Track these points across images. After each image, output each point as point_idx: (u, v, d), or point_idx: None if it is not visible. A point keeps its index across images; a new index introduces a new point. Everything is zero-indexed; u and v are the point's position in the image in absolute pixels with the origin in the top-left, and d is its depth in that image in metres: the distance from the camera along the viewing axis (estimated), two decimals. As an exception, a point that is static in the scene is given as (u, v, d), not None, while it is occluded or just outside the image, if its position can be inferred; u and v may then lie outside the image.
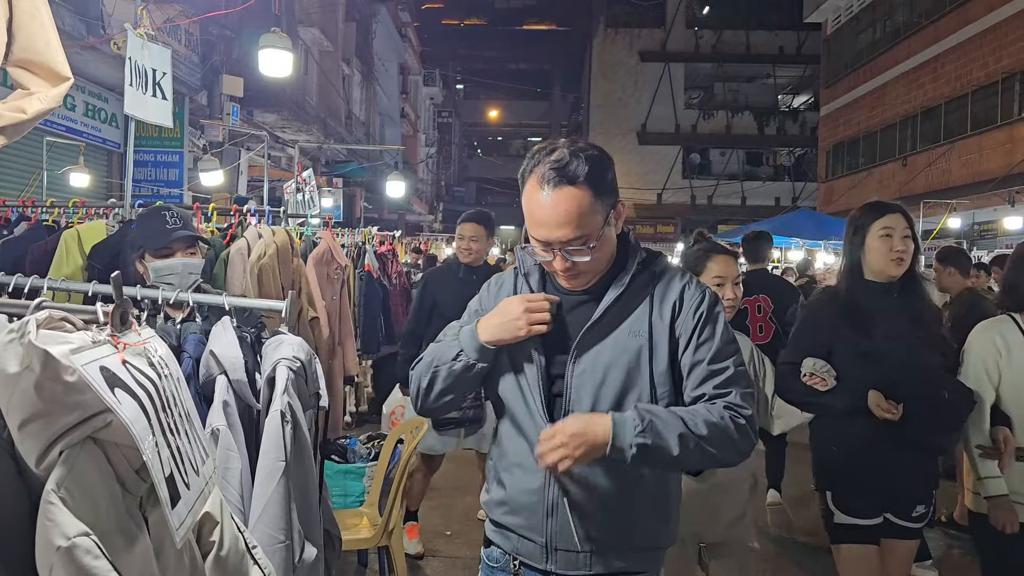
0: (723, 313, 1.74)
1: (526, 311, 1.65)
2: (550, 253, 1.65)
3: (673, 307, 1.69)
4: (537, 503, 1.67)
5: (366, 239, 6.85)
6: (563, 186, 1.60)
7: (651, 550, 1.73)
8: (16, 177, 7.65)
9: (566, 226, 1.60)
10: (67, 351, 0.95)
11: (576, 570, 1.66)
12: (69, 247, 3.39)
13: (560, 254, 1.63)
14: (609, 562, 1.67)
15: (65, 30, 6.62)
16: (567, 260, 1.64)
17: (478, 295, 1.90)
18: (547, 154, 1.64)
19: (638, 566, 1.70)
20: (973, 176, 16.00)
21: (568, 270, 1.66)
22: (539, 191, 1.62)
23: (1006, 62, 15.32)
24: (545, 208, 1.61)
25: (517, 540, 1.73)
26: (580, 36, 35.00)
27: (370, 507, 3.91)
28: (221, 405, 1.69)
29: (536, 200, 1.63)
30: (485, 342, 1.68)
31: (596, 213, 1.63)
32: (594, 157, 1.63)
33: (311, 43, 14.58)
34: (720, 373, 1.65)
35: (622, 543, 1.66)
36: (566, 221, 1.60)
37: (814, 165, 28.39)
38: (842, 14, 23.53)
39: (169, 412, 1.11)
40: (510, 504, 1.73)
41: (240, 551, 1.33)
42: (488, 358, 1.70)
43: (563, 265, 1.65)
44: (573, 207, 1.60)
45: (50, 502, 0.91)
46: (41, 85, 1.73)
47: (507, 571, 1.76)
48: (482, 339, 1.69)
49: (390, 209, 21.16)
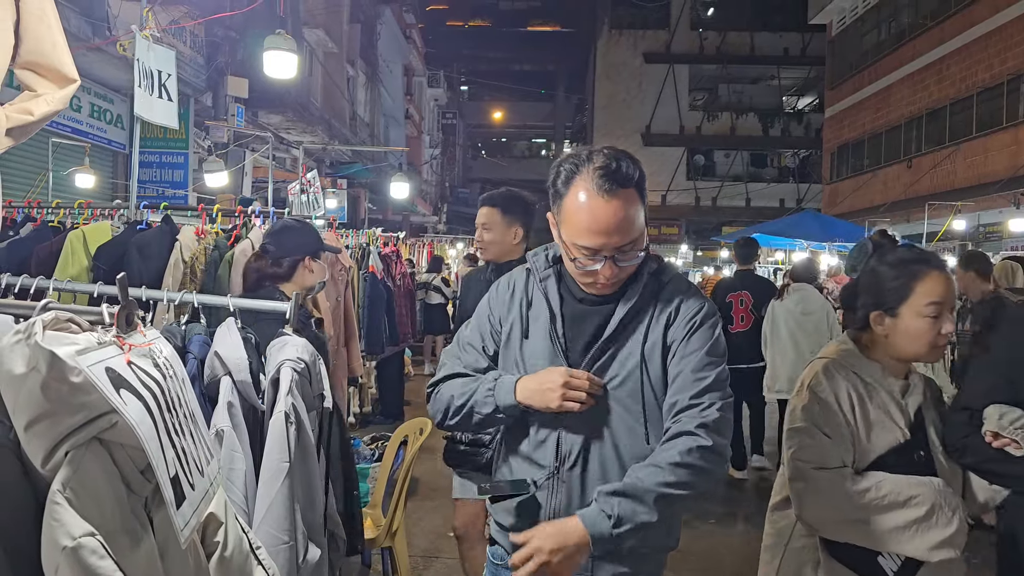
0: (719, 326, 1.72)
1: (565, 385, 1.61)
2: (599, 261, 1.61)
3: (669, 316, 1.69)
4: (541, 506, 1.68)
5: (370, 240, 6.86)
6: (620, 190, 1.58)
7: (653, 554, 1.73)
8: (22, 178, 7.67)
9: (624, 231, 1.59)
10: (73, 352, 0.95)
11: (579, 572, 1.67)
12: (74, 248, 3.40)
13: (610, 261, 1.61)
14: (611, 567, 1.68)
15: (71, 31, 6.65)
16: (616, 266, 1.62)
17: (486, 297, 1.87)
18: (588, 160, 1.61)
19: (640, 570, 1.70)
20: (978, 178, 15.96)
21: (613, 277, 1.64)
22: (594, 198, 1.58)
23: (1011, 64, 15.28)
24: (602, 215, 1.58)
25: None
26: (584, 37, 35.00)
27: (374, 508, 3.91)
28: (226, 406, 1.69)
29: (589, 208, 1.59)
30: (519, 401, 1.67)
31: (642, 216, 1.64)
32: (636, 160, 1.64)
33: (315, 44, 14.60)
34: (699, 382, 1.63)
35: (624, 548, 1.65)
36: (625, 227, 1.59)
37: (818, 167, 28.35)
38: (847, 15, 23.50)
39: (174, 413, 1.12)
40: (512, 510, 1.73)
41: (244, 552, 1.33)
42: (518, 413, 1.69)
43: (611, 272, 1.62)
44: (632, 212, 1.60)
45: (56, 502, 0.92)
46: (48, 87, 1.74)
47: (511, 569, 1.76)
48: (517, 398, 1.67)
49: (394, 210, 21.18)
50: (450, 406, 1.76)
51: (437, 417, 1.80)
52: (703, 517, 5.16)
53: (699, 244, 29.30)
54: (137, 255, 3.29)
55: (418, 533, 4.75)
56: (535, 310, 1.75)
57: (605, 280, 1.65)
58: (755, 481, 6.19)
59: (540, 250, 1.82)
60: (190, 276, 3.28)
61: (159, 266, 3.32)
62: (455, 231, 26.41)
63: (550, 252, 1.79)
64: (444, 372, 1.82)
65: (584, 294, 1.73)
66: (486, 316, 1.82)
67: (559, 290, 1.74)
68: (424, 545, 4.62)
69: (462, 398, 1.74)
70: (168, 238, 3.42)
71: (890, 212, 18.54)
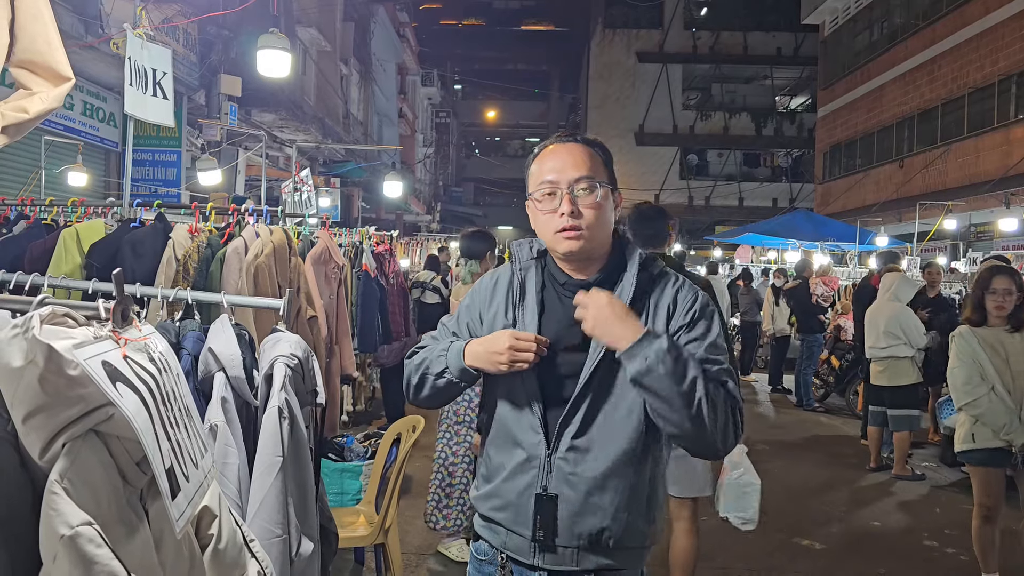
0: (717, 313, 1.77)
1: (510, 348, 1.66)
2: (556, 199, 1.71)
3: (667, 311, 1.72)
4: (526, 499, 1.69)
5: (363, 239, 6.87)
6: (572, 142, 1.78)
7: (637, 549, 1.75)
8: (15, 176, 7.66)
9: (580, 165, 1.72)
10: (70, 346, 0.97)
11: (563, 566, 1.68)
12: (68, 246, 3.40)
13: (568, 195, 1.70)
14: (595, 559, 1.69)
15: (64, 29, 6.59)
16: (574, 203, 1.69)
17: (470, 291, 1.92)
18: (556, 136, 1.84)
19: (623, 563, 1.72)
20: (969, 178, 16.04)
21: (573, 222, 1.69)
22: (552, 147, 1.78)
23: (1003, 64, 15.36)
24: (555, 153, 1.76)
25: (505, 535, 1.74)
26: (578, 37, 35.02)
27: (367, 505, 3.93)
28: (219, 401, 1.70)
29: (547, 154, 1.77)
30: (468, 365, 1.73)
31: (603, 173, 1.76)
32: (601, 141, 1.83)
33: (309, 43, 14.58)
34: (714, 364, 1.67)
35: (609, 541, 1.68)
36: (580, 161, 1.73)
37: (811, 166, 28.44)
38: (839, 16, 23.57)
39: (169, 406, 1.13)
40: (499, 499, 1.74)
41: (238, 544, 1.35)
42: (470, 379, 1.76)
43: (570, 206, 1.69)
44: (585, 154, 1.75)
45: (54, 492, 0.93)
46: (43, 85, 1.75)
47: (495, 564, 1.78)
48: (467, 362, 1.73)
49: (387, 209, 21.16)
50: (411, 373, 1.85)
51: (408, 392, 1.88)
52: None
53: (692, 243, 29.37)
54: (130, 253, 3.29)
55: (411, 531, 4.77)
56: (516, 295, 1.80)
57: (568, 227, 1.69)
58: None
59: (524, 241, 1.87)
60: (183, 274, 3.28)
61: (152, 264, 3.31)
62: (448, 230, 26.40)
63: (534, 245, 1.84)
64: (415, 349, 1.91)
65: (566, 277, 1.76)
66: (466, 307, 1.89)
67: (542, 276, 1.80)
68: (417, 543, 4.64)
69: (419, 359, 1.84)
70: (161, 236, 3.42)
71: (882, 212, 18.62)
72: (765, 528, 5.18)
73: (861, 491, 6.24)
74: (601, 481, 1.66)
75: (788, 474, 6.63)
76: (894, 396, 6.51)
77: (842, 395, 9.58)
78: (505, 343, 1.66)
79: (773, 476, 6.51)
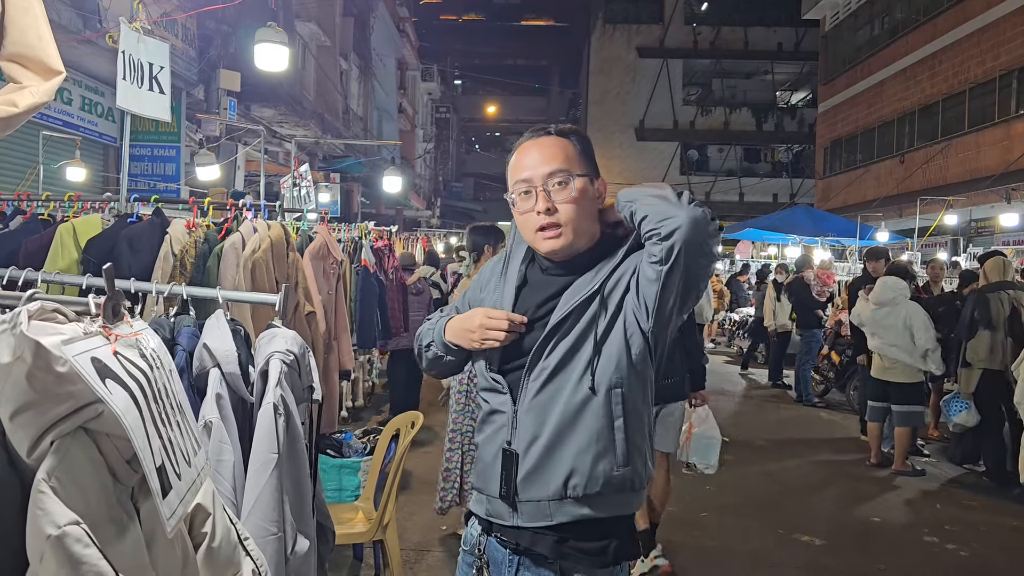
0: None
1: (481, 326, 1.72)
2: (532, 197, 1.71)
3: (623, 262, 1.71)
4: (494, 457, 1.71)
5: (363, 234, 6.86)
6: (544, 136, 1.76)
7: (614, 495, 1.67)
8: (12, 171, 7.64)
9: (552, 159, 1.71)
10: (58, 342, 0.96)
11: (539, 521, 1.65)
12: (64, 241, 3.38)
13: (543, 193, 1.69)
14: (571, 510, 1.64)
15: (61, 24, 6.61)
16: (549, 199, 1.70)
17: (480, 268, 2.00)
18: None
19: (603, 510, 1.66)
20: (970, 173, 16.01)
21: (550, 219, 1.69)
22: (525, 144, 1.77)
23: (1004, 59, 15.32)
24: (530, 151, 1.75)
25: (487, 501, 1.74)
26: (578, 32, 34.95)
27: (365, 502, 3.92)
28: (214, 398, 1.69)
29: (520, 151, 1.77)
30: (448, 341, 1.81)
31: (580, 164, 1.73)
32: (578, 128, 1.82)
33: (308, 38, 14.55)
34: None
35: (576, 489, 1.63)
36: (552, 155, 1.72)
37: (812, 162, 28.41)
38: (840, 11, 23.52)
39: (161, 403, 1.12)
40: (480, 464, 1.77)
41: (232, 542, 1.33)
42: (456, 354, 1.82)
43: (545, 203, 1.69)
44: (556, 147, 1.73)
45: (41, 491, 0.92)
46: (33, 79, 1.73)
47: (473, 554, 1.78)
48: (446, 337, 1.82)
49: (387, 204, 21.14)
50: (415, 344, 1.95)
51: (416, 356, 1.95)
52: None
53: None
54: (127, 248, 3.27)
55: (410, 527, 4.76)
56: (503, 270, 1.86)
57: (546, 225, 1.69)
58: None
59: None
60: (179, 269, 3.26)
61: (149, 259, 3.30)
62: (448, 225, 26.36)
63: None
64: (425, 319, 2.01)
65: (548, 263, 1.78)
66: (473, 284, 1.97)
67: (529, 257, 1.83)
68: (416, 539, 4.63)
69: (420, 330, 1.95)
70: (158, 231, 3.40)
71: (882, 207, 18.60)
72: (765, 524, 5.18)
73: (861, 487, 6.22)
74: (560, 430, 1.65)
75: (788, 470, 6.62)
76: (901, 392, 6.49)
77: (842, 391, 9.57)
78: (477, 321, 1.74)
79: (773, 472, 6.52)
